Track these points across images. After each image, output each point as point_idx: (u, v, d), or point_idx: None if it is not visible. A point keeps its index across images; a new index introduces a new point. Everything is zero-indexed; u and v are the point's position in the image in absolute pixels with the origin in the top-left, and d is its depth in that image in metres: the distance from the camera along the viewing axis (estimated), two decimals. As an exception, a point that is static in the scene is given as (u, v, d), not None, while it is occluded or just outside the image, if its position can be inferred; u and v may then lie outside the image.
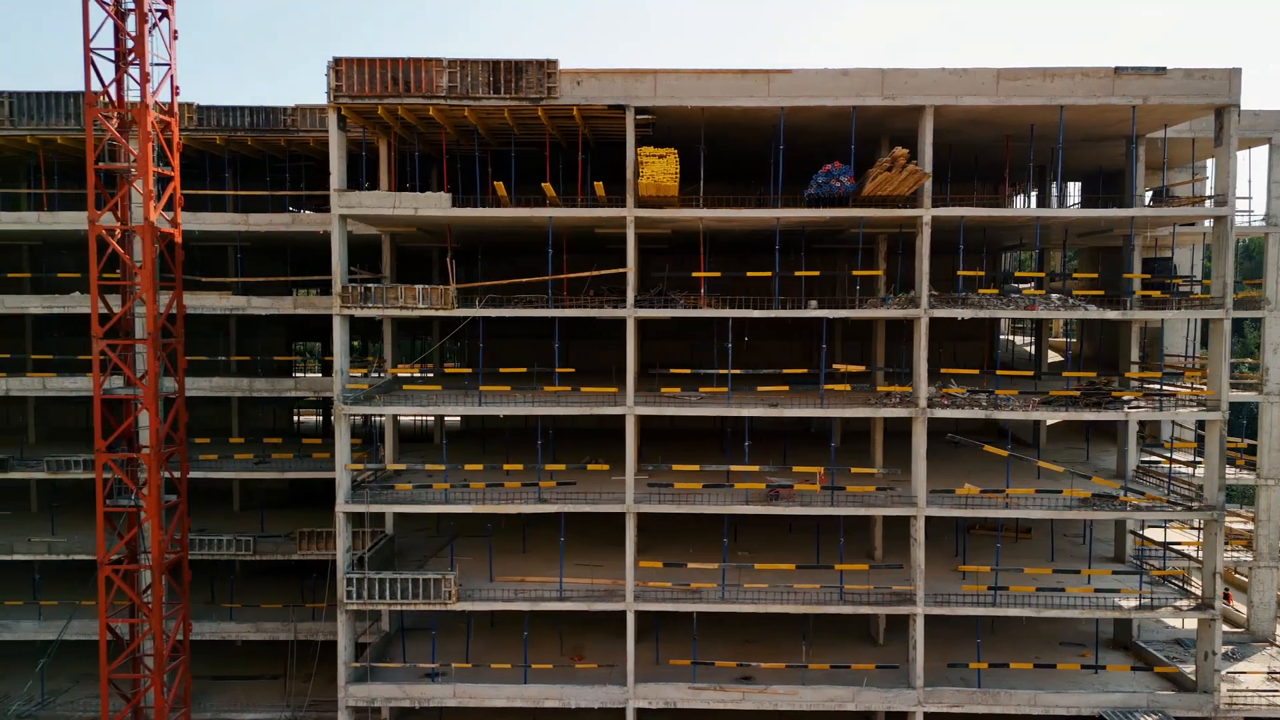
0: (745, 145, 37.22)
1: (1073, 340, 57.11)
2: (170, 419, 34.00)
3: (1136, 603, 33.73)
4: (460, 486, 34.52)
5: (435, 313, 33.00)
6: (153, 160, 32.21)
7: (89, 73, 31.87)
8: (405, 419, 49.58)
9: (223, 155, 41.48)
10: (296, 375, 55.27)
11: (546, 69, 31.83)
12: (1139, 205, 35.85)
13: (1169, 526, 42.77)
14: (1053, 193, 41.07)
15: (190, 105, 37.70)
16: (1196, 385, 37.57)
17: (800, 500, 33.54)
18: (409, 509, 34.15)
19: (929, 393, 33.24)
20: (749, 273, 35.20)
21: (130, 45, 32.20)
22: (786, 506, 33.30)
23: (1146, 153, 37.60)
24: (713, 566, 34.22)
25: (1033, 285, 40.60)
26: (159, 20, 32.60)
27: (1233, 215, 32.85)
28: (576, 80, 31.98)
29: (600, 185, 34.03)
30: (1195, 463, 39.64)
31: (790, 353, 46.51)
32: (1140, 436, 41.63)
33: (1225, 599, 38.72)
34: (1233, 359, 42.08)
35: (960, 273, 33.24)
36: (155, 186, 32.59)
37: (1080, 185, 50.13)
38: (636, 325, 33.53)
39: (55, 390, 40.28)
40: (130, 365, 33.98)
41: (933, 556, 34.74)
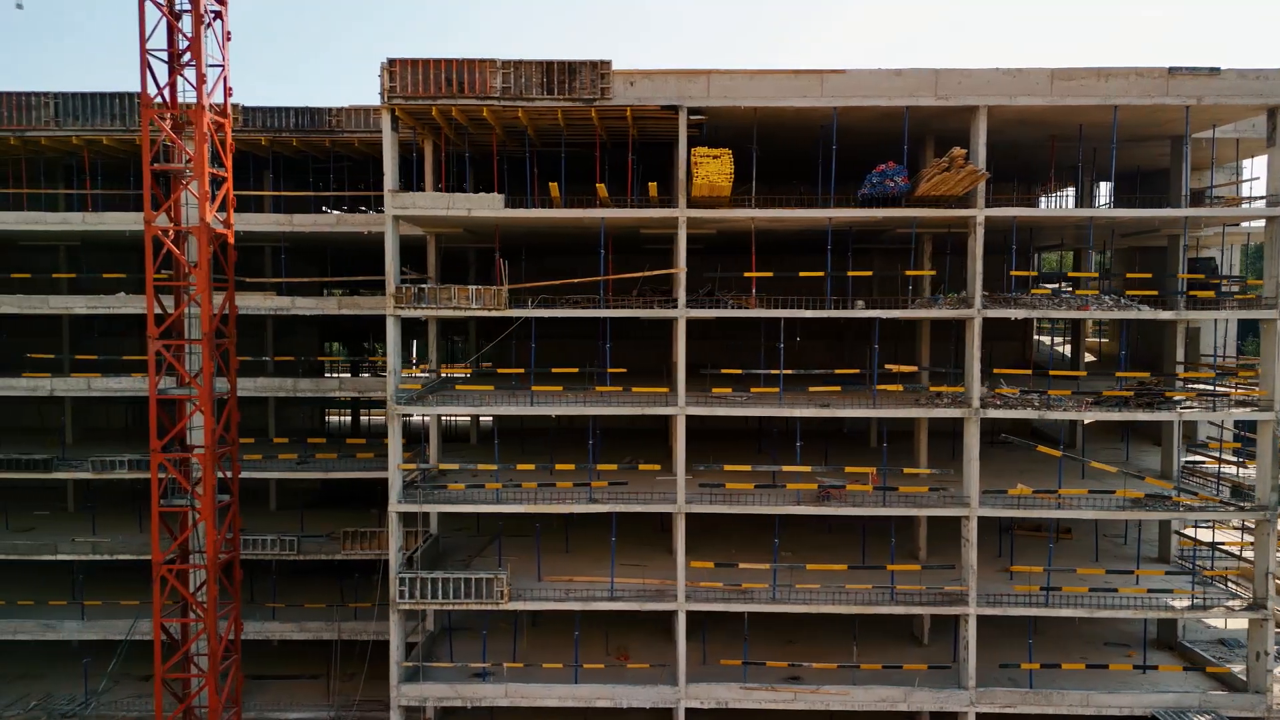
0: (790, 145, 37.24)
1: (1104, 340, 57.14)
2: (224, 419, 34.09)
3: (1189, 603, 33.69)
4: (512, 486, 34.57)
5: (487, 313, 33.02)
6: (207, 161, 32.30)
7: (145, 74, 31.90)
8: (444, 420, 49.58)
9: (266, 156, 41.54)
10: (328, 376, 55.42)
11: (600, 70, 31.88)
12: (1186, 205, 35.89)
13: (1214, 527, 42.76)
14: (1095, 193, 41.14)
15: (236, 106, 37.74)
16: (1242, 385, 37.58)
17: (852, 500, 33.57)
18: (463, 509, 34.22)
19: (981, 393, 33.29)
20: (801, 273, 35.18)
21: (185, 46, 32.24)
22: (838, 506, 33.34)
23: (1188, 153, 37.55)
24: (764, 567, 34.20)
25: (1076, 286, 40.56)
26: (212, 21, 32.59)
27: (1286, 215, 32.89)
28: (630, 81, 32.03)
29: (654, 186, 34.07)
30: (1236, 462, 39.61)
31: (830, 353, 46.45)
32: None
33: None
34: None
35: (1013, 273, 33.31)
36: (210, 187, 32.65)
37: (1113, 185, 50.15)
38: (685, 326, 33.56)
39: (100, 390, 40.34)
40: (182, 365, 34.08)
41: (978, 557, 34.73)
